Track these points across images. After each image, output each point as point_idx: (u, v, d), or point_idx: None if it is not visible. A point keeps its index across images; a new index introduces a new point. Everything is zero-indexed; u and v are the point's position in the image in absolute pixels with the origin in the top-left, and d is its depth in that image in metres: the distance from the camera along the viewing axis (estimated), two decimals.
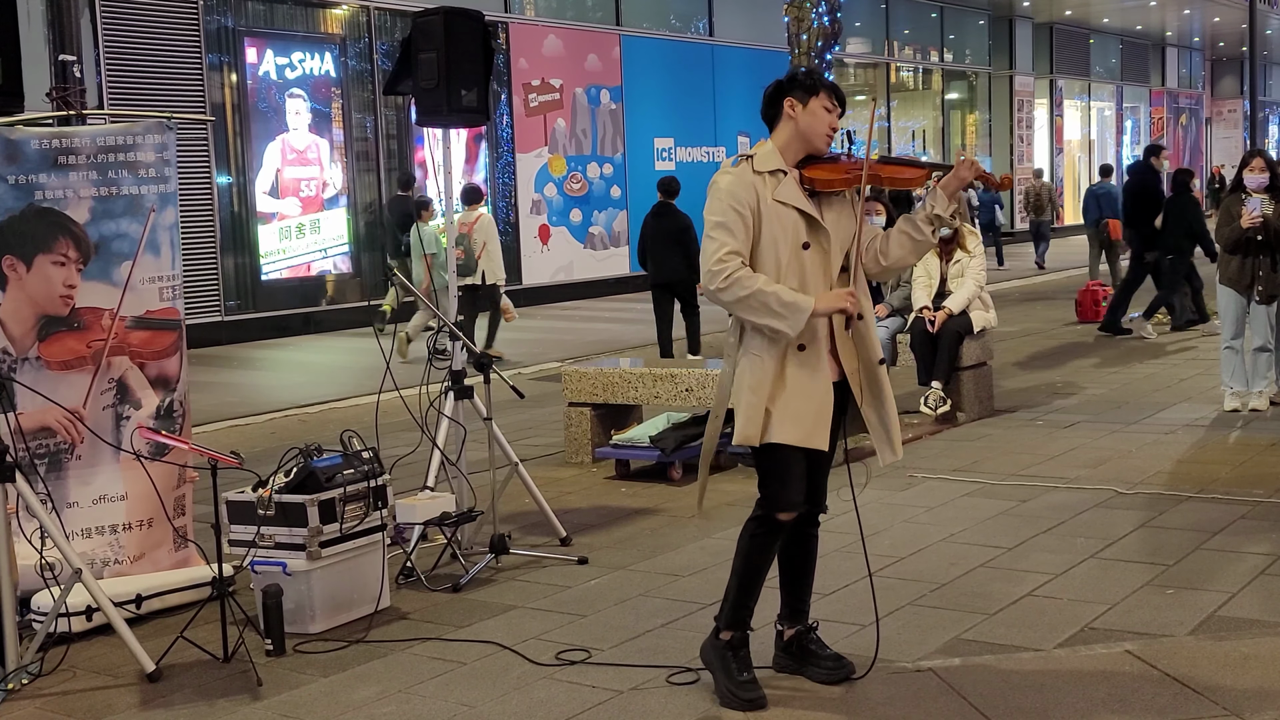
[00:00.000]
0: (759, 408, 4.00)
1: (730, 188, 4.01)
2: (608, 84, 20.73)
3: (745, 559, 4.12)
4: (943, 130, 30.21)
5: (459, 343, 5.97)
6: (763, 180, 4.03)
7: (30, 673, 4.55)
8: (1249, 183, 8.28)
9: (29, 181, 5.22)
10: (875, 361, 4.13)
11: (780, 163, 4.08)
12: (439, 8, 5.81)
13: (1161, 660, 4.23)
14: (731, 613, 4.13)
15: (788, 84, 4.14)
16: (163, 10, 14.85)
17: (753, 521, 4.12)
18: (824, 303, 3.97)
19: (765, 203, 4.00)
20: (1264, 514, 6.01)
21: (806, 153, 4.11)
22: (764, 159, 4.08)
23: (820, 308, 3.95)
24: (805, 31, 8.73)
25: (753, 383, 4.02)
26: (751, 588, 4.13)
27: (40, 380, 5.22)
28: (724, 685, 4.06)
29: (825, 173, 4.10)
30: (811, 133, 4.10)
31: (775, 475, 4.06)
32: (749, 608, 4.14)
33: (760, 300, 3.92)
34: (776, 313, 3.91)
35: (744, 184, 4.01)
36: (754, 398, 4.01)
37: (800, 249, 4.01)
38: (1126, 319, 12.97)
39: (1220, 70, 44.42)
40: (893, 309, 8.94)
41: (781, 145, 4.12)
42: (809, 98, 4.09)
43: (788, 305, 3.92)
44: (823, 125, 4.09)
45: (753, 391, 4.02)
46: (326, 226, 16.89)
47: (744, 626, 4.13)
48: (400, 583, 5.51)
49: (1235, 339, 8.51)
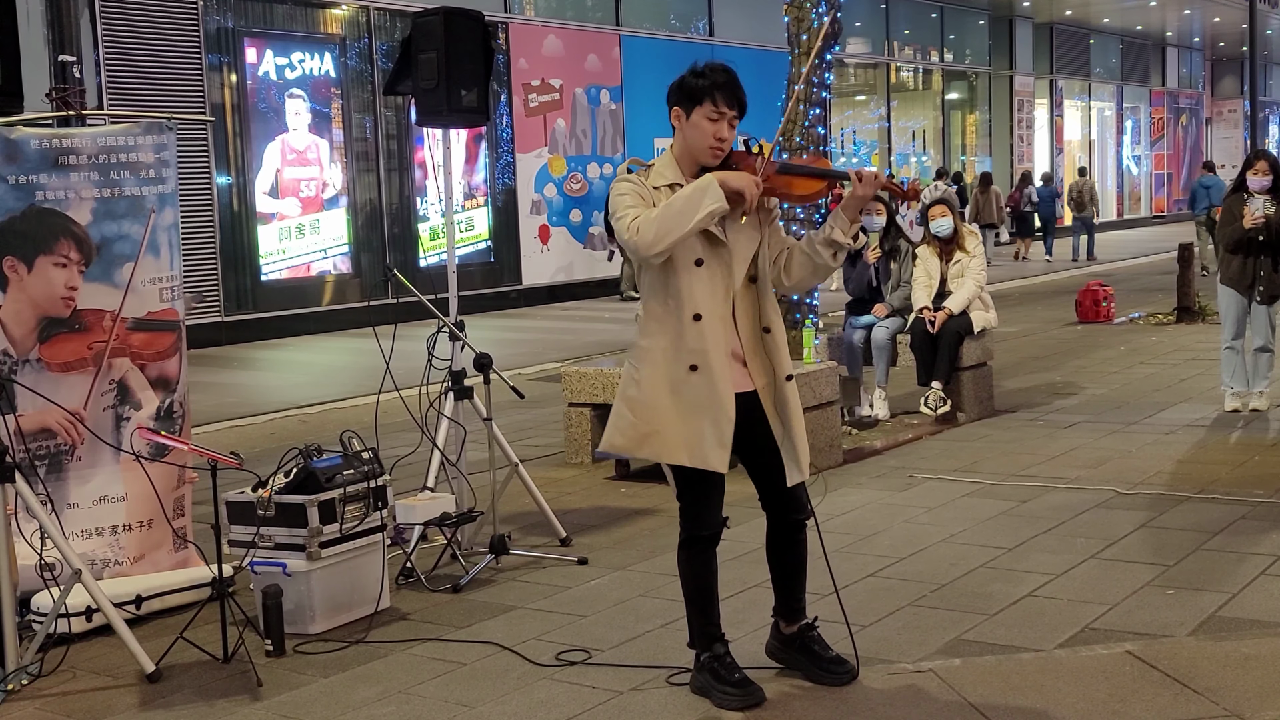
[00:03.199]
0: (629, 420, 3.96)
1: (630, 188, 3.90)
2: (608, 84, 20.74)
3: (686, 581, 4.12)
4: (943, 130, 30.21)
5: (459, 343, 5.98)
6: (660, 194, 3.90)
7: (30, 673, 4.55)
8: (1252, 185, 8.28)
9: (30, 182, 5.21)
10: (784, 377, 4.02)
11: (677, 175, 3.94)
12: (439, 8, 5.81)
13: (1162, 661, 4.23)
14: (700, 633, 4.12)
15: (674, 88, 3.94)
16: (162, 10, 14.85)
17: (680, 545, 4.10)
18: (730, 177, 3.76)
19: None
20: (1265, 514, 6.01)
21: (699, 164, 3.94)
22: (660, 171, 3.95)
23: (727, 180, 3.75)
24: (805, 31, 8.72)
25: (628, 396, 3.98)
26: (705, 606, 4.10)
27: (41, 382, 5.21)
28: (719, 691, 4.03)
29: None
30: (696, 147, 3.92)
31: (686, 492, 4.04)
32: (714, 623, 4.11)
33: (670, 211, 3.75)
34: (692, 200, 3.73)
35: (643, 190, 3.90)
36: (625, 410, 3.98)
37: (693, 265, 3.89)
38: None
39: (1220, 70, 44.42)
40: (893, 309, 8.93)
41: (678, 154, 3.97)
42: (692, 107, 3.89)
43: (691, 193, 3.75)
44: (705, 139, 3.88)
45: (626, 404, 3.98)
46: (326, 227, 16.89)
47: (716, 639, 4.10)
48: (400, 583, 5.50)
49: (1236, 339, 8.51)
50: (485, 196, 19.03)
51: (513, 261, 19.31)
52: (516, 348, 13.73)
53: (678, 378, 3.92)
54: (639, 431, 3.97)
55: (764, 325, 4.01)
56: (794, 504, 4.14)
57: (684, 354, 3.91)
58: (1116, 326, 13.90)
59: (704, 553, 4.08)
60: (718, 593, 4.14)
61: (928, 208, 9.05)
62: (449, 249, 6.43)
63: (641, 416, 3.96)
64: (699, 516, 4.04)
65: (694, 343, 3.91)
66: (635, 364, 4.02)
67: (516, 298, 19.03)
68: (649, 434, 3.95)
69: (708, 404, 3.91)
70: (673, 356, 3.93)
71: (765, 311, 4.02)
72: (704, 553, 4.08)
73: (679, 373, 3.92)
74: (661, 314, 3.94)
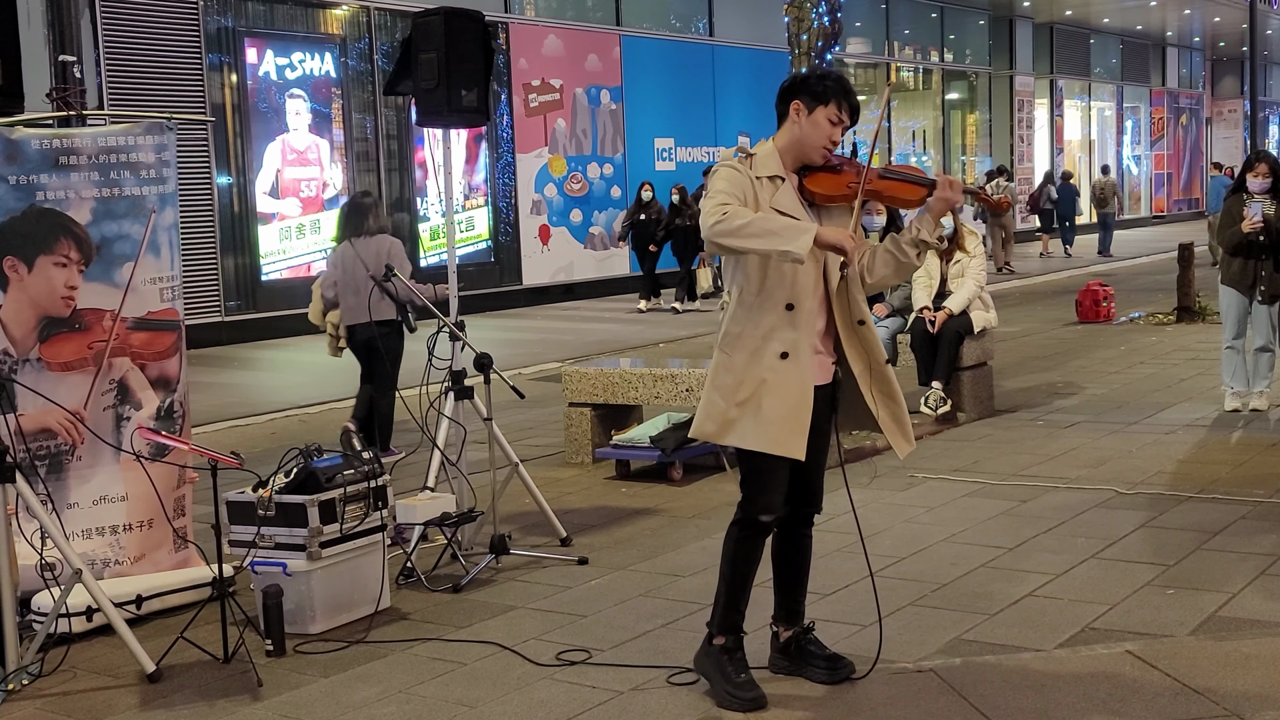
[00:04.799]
0: (720, 408, 4.00)
1: (730, 174, 3.96)
2: (608, 84, 20.73)
3: (731, 563, 4.11)
4: (943, 130, 30.21)
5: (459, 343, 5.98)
6: (760, 184, 3.97)
7: (31, 673, 4.55)
8: (1252, 186, 8.28)
9: (30, 182, 5.21)
10: (882, 362, 4.12)
11: (779, 167, 4.01)
12: (439, 8, 5.81)
13: (1162, 660, 4.23)
14: (723, 617, 4.12)
15: (799, 84, 4.04)
16: (163, 10, 14.85)
17: (735, 524, 4.11)
18: (828, 233, 3.82)
19: (761, 207, 3.94)
20: (1265, 514, 6.01)
21: (804, 161, 4.04)
22: (763, 162, 4.01)
23: (824, 235, 3.81)
24: (805, 31, 8.72)
25: (720, 383, 4.02)
26: (740, 591, 4.11)
27: (41, 381, 5.21)
28: (722, 688, 4.04)
29: (825, 186, 4.02)
30: (809, 143, 4.01)
31: (755, 478, 4.05)
32: (740, 611, 4.12)
33: (761, 226, 3.81)
34: (778, 234, 3.79)
35: (743, 180, 3.96)
36: (717, 396, 4.01)
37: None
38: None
39: (1220, 70, 44.41)
40: (893, 309, 8.94)
41: (782, 147, 4.05)
42: (816, 105, 3.99)
43: (788, 226, 3.82)
44: (822, 137, 3.99)
45: (718, 391, 4.01)
46: (327, 227, 16.88)
47: (737, 630, 4.12)
48: (400, 583, 5.51)
49: (1237, 339, 8.51)
50: (485, 196, 19.04)
51: (513, 261, 19.31)
52: (517, 348, 13.73)
53: (769, 364, 3.96)
54: (730, 418, 4.00)
55: (858, 318, 4.07)
56: (810, 496, 4.19)
57: (775, 341, 3.96)
58: (1117, 326, 13.89)
59: (754, 538, 4.09)
60: (752, 584, 4.14)
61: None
62: (449, 249, 6.43)
63: (733, 402, 3.99)
64: (762, 501, 4.05)
65: (786, 331, 3.96)
66: (727, 351, 4.04)
67: (517, 298, 19.02)
68: (737, 419, 3.98)
69: (795, 391, 3.96)
70: (764, 343, 3.97)
71: (859, 304, 4.09)
72: (754, 538, 4.09)
73: (770, 359, 3.96)
74: (754, 302, 3.99)
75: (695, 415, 4.10)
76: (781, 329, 3.96)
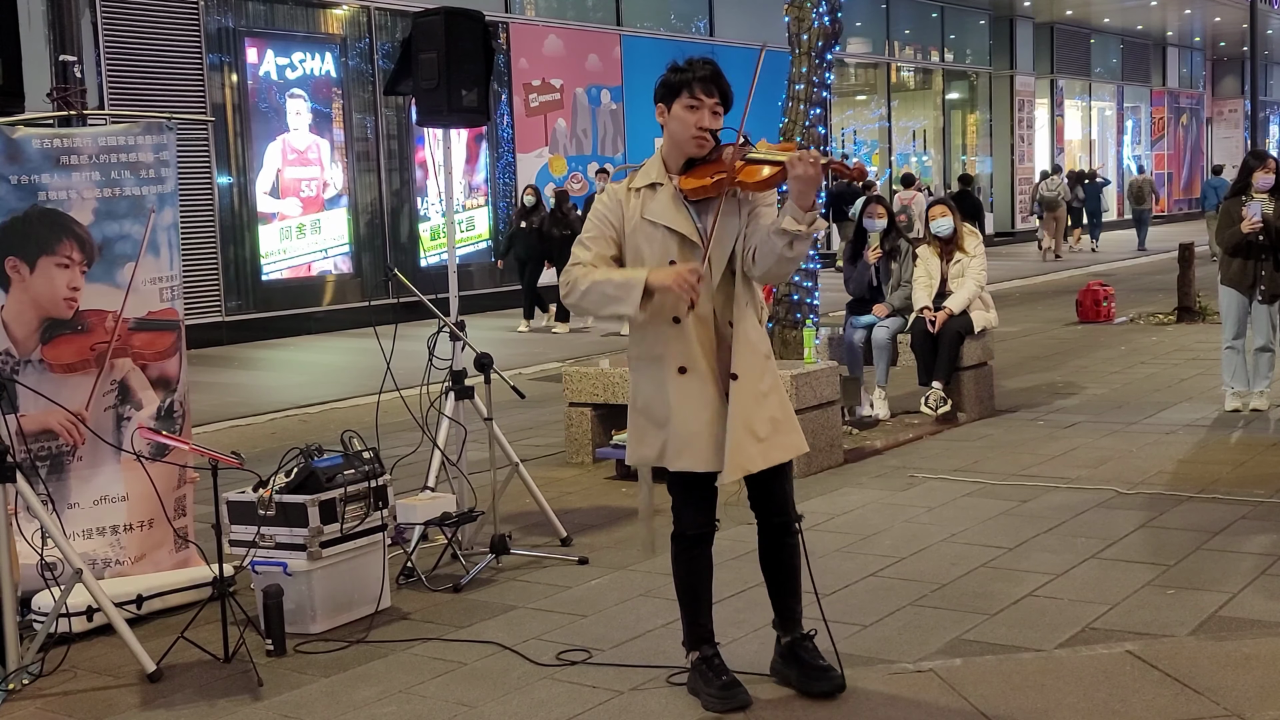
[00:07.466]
0: (648, 430, 3.98)
1: (598, 208, 3.98)
2: (608, 84, 20.74)
3: (677, 579, 4.12)
4: (943, 130, 30.20)
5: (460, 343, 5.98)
6: (636, 196, 3.92)
7: (31, 673, 4.55)
8: (1259, 183, 8.29)
9: (31, 182, 5.21)
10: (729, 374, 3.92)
11: (660, 174, 3.94)
12: (439, 8, 5.81)
13: (1162, 660, 4.23)
14: (688, 632, 4.13)
15: (656, 87, 3.93)
16: (163, 10, 14.85)
17: (671, 541, 4.11)
18: (657, 276, 3.74)
19: (633, 221, 3.90)
20: (1265, 514, 6.01)
21: (687, 157, 3.93)
22: (645, 172, 3.97)
23: (654, 280, 3.74)
24: (805, 31, 8.72)
25: (638, 406, 4.01)
26: (695, 603, 4.10)
27: (43, 382, 5.21)
28: (705, 695, 4.02)
29: (693, 180, 3.88)
30: (679, 139, 3.90)
31: (675, 492, 4.06)
32: (701, 624, 4.11)
33: (598, 292, 3.82)
34: (614, 297, 3.79)
35: (613, 204, 3.94)
36: (642, 420, 4.00)
37: (667, 266, 3.86)
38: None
39: (1221, 70, 44.40)
40: (893, 309, 8.94)
41: (665, 152, 3.98)
42: (672, 100, 3.89)
43: (620, 286, 3.80)
44: (688, 128, 3.86)
45: (641, 414, 4.00)
46: (327, 227, 16.90)
47: (707, 641, 4.10)
48: (401, 583, 5.51)
49: (1237, 339, 8.51)
50: (486, 196, 19.04)
51: (513, 261, 19.27)
52: (517, 347, 13.73)
53: (671, 381, 3.92)
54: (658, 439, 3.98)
55: (728, 318, 3.95)
56: (775, 507, 4.09)
57: (671, 357, 3.92)
58: (1117, 326, 13.90)
59: (689, 551, 4.07)
60: (709, 594, 4.13)
61: (928, 208, 9.06)
62: (449, 249, 6.43)
63: (652, 423, 3.98)
64: (685, 515, 4.05)
65: (678, 345, 3.91)
66: (634, 372, 4.04)
67: (518, 298, 19.00)
68: (665, 439, 3.96)
69: (700, 404, 3.91)
70: (662, 360, 3.93)
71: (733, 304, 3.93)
72: (689, 551, 4.07)
73: (671, 376, 3.92)
74: (644, 320, 3.91)
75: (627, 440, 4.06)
76: (674, 343, 3.91)
